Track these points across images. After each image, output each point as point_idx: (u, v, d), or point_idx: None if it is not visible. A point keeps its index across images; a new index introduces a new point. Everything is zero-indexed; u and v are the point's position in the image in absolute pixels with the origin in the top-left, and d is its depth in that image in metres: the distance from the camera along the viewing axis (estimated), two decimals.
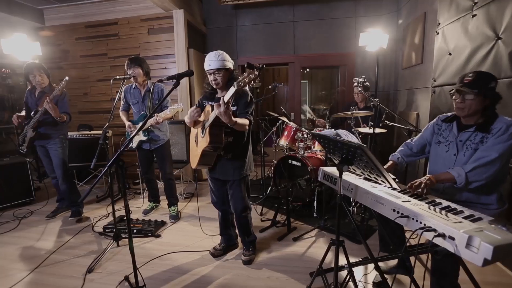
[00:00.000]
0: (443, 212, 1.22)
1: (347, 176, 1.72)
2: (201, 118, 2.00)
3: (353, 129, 2.78)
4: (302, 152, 3.21)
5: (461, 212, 1.25)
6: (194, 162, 2.10)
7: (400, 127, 2.63)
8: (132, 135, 1.57)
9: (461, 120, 1.60)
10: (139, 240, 2.51)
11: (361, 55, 4.35)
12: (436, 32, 2.92)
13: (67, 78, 2.65)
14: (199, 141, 2.02)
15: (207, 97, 2.10)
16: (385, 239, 1.82)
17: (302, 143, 3.23)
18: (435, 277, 1.46)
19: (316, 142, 3.20)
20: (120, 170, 1.54)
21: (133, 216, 2.96)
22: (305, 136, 3.23)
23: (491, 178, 1.44)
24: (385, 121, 2.85)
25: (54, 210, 3.11)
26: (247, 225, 2.17)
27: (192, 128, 2.19)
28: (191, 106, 4.06)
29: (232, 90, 1.62)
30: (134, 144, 2.92)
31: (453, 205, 1.31)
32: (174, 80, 1.63)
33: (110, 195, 2.45)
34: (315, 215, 2.94)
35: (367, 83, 3.07)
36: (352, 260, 2.08)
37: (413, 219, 1.23)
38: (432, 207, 1.27)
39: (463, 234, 1.02)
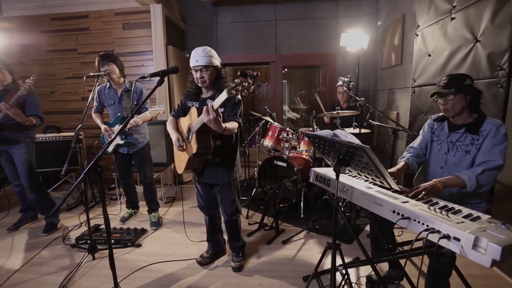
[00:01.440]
0: (443, 212, 1.21)
1: (341, 177, 1.68)
2: (186, 122, 1.87)
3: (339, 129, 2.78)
4: (287, 153, 3.16)
5: (460, 211, 1.24)
6: (180, 167, 1.97)
7: (385, 127, 2.66)
8: (109, 139, 1.41)
9: (451, 120, 1.63)
10: (117, 251, 2.31)
11: (342, 56, 4.41)
12: (416, 34, 3.00)
13: (34, 76, 2.37)
14: (185, 147, 1.89)
15: (191, 97, 1.97)
16: (378, 238, 1.81)
17: (287, 143, 3.18)
18: (432, 277, 1.46)
19: (302, 142, 3.17)
20: (98, 177, 1.38)
21: (110, 224, 2.74)
22: (290, 136, 3.18)
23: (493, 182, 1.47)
24: (369, 120, 2.88)
25: (16, 221, 2.79)
26: (237, 229, 2.07)
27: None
28: (170, 107, 3.87)
29: (222, 96, 1.51)
30: (109, 148, 2.70)
31: (450, 204, 1.31)
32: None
33: (84, 203, 2.24)
34: (302, 216, 2.90)
35: (353, 82, 3.09)
36: (339, 260, 2.07)
37: (414, 220, 1.20)
38: (431, 207, 1.26)
39: (469, 235, 1.00)
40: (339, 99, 3.70)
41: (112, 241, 2.38)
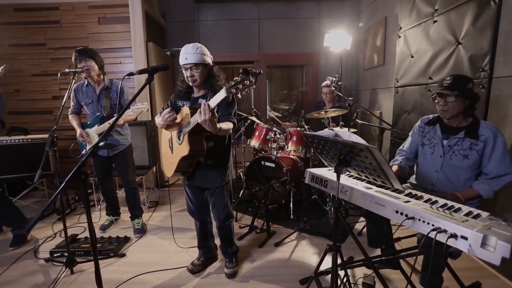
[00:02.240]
0: (446, 211, 1.22)
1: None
2: (177, 120, 1.76)
3: (328, 128, 2.78)
4: (275, 153, 3.12)
5: (460, 209, 1.26)
6: (169, 170, 1.85)
7: (373, 126, 2.70)
8: (87, 145, 1.28)
9: (445, 121, 1.65)
10: (99, 263, 2.12)
11: (325, 56, 4.46)
12: (398, 35, 3.09)
13: (6, 65, 2.09)
14: (176, 148, 1.77)
15: (182, 96, 1.86)
16: (373, 236, 1.82)
17: (275, 144, 3.14)
18: (429, 274, 1.48)
19: (290, 142, 3.15)
20: (82, 185, 1.25)
21: (88, 233, 2.53)
22: (278, 136, 3.14)
23: None
24: (356, 120, 2.92)
25: None
26: (230, 234, 1.99)
27: (164, 130, 1.92)
28: (151, 106, 3.69)
29: (220, 95, 1.42)
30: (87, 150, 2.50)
31: (449, 203, 1.32)
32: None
33: (59, 211, 2.04)
34: (292, 217, 2.87)
35: (341, 82, 3.11)
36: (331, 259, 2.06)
37: (419, 220, 1.20)
38: (433, 206, 1.26)
39: (477, 233, 1.01)
40: (324, 99, 3.72)
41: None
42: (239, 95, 1.39)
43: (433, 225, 1.15)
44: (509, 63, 1.86)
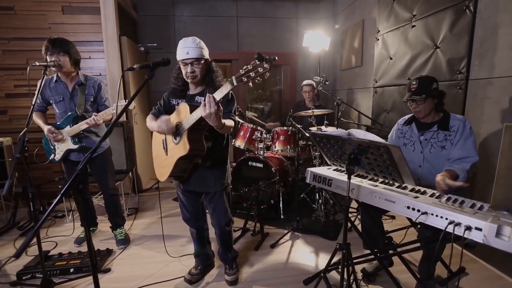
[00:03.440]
0: (454, 204, 1.29)
1: (341, 176, 1.67)
2: (172, 120, 1.63)
3: (317, 127, 2.82)
4: (262, 153, 3.08)
5: (463, 202, 1.34)
6: (163, 174, 1.71)
7: (357, 124, 2.79)
8: (55, 144, 1.11)
9: (421, 120, 1.77)
10: (80, 281, 1.90)
11: (303, 56, 4.53)
12: (376, 38, 3.24)
13: None
14: (171, 149, 1.65)
15: (177, 94, 1.73)
16: (370, 231, 1.87)
17: (261, 143, 3.10)
18: (429, 263, 1.57)
19: (277, 142, 3.13)
20: (80, 196, 1.09)
21: (61, 249, 2.26)
22: (265, 135, 3.11)
23: None
24: (341, 118, 3.00)
25: None
26: (230, 240, 1.91)
27: (155, 132, 1.78)
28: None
29: (227, 87, 1.33)
30: (57, 155, 2.23)
31: (452, 196, 1.40)
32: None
33: (34, 224, 1.77)
34: (282, 216, 2.86)
35: (328, 81, 3.17)
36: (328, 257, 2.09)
37: (432, 214, 1.25)
38: (442, 200, 1.33)
39: (492, 224, 1.08)
40: (305, 98, 3.77)
41: (71, 270, 1.97)
42: (250, 84, 1.31)
43: (446, 218, 1.21)
44: (484, 66, 2.04)
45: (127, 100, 2.12)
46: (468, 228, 1.13)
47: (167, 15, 4.17)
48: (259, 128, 3.18)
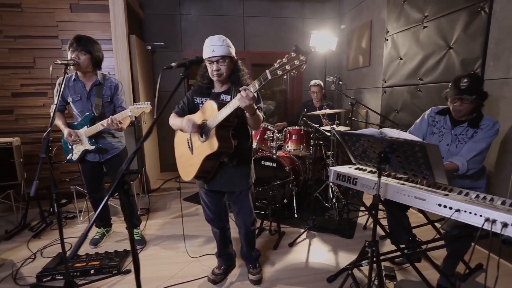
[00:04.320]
0: (482, 200, 1.32)
1: (365, 175, 1.69)
2: (198, 119, 1.62)
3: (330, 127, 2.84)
4: (275, 152, 3.09)
5: (493, 199, 1.37)
6: (188, 173, 1.70)
7: (366, 123, 2.82)
8: (73, 147, 1.10)
9: (454, 116, 1.77)
10: (102, 283, 1.88)
11: (309, 56, 4.53)
12: (385, 39, 3.28)
13: None
14: (198, 147, 1.64)
15: (202, 93, 1.72)
16: (396, 233, 1.90)
17: (273, 143, 3.10)
18: (454, 260, 1.60)
19: (290, 141, 3.14)
20: (125, 197, 1.08)
21: (79, 250, 2.22)
22: (277, 135, 3.11)
23: (480, 166, 1.66)
24: (353, 118, 3.03)
25: None
26: (254, 239, 1.92)
27: (179, 131, 1.77)
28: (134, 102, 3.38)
29: (260, 80, 1.33)
30: (74, 155, 2.20)
31: (481, 194, 1.43)
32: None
33: (58, 223, 1.74)
34: (296, 215, 2.87)
35: (341, 82, 3.19)
36: (348, 255, 2.11)
37: (465, 211, 1.28)
38: (473, 197, 1.36)
39: None
40: (312, 98, 3.79)
41: (92, 272, 1.94)
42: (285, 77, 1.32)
43: (481, 215, 1.23)
44: (499, 67, 2.09)
45: (148, 103, 2.09)
46: (505, 225, 1.16)
47: (174, 13, 4.14)
48: (270, 127, 3.19)
